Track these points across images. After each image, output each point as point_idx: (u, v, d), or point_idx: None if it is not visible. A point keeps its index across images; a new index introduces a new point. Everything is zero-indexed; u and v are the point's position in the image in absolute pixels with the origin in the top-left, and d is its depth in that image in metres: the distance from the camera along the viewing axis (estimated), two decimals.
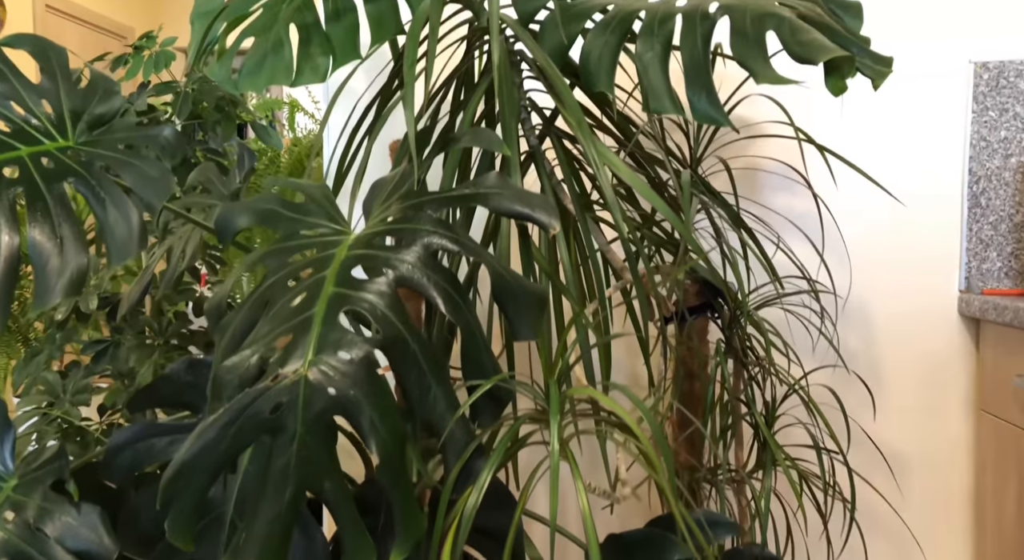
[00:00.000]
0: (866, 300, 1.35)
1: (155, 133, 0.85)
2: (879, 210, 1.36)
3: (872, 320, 1.35)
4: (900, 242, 1.36)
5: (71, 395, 1.56)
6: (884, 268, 1.36)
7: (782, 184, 1.32)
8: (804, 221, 1.31)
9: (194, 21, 1.00)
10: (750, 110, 1.34)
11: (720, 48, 1.23)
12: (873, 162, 1.36)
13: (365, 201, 0.74)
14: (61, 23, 4.96)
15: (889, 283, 1.36)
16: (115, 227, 0.77)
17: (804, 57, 0.75)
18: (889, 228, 1.36)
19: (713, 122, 0.79)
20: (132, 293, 1.21)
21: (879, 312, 1.35)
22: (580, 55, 0.87)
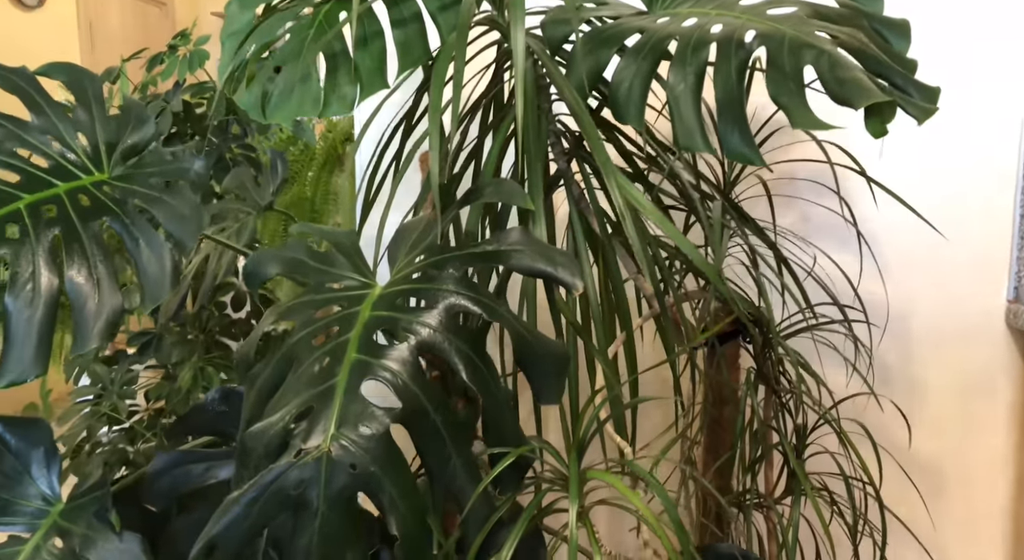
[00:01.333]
0: (907, 310, 1.31)
1: (186, 166, 0.86)
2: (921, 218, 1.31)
3: (912, 331, 1.31)
4: (943, 251, 1.31)
5: (118, 387, 1.61)
6: (926, 277, 1.32)
7: (819, 190, 1.28)
8: (842, 227, 1.27)
9: (224, 41, 1.00)
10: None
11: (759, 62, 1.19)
12: (917, 165, 1.31)
13: (390, 247, 0.74)
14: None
15: (931, 293, 1.32)
16: (148, 267, 0.78)
17: (843, 98, 0.72)
18: (932, 236, 1.31)
19: (745, 160, 0.77)
20: (170, 304, 1.24)
21: (920, 322, 1.31)
22: (611, 83, 0.84)
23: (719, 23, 0.85)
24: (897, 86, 0.79)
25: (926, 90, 0.78)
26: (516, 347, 0.62)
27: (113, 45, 5.10)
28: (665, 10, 0.95)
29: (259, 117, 0.90)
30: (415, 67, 0.91)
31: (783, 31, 0.80)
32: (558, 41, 0.87)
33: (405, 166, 0.87)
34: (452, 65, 0.80)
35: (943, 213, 1.31)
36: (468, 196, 0.71)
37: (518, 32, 0.73)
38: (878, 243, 1.29)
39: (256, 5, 1.01)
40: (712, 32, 0.84)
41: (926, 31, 1.30)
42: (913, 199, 1.29)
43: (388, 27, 0.93)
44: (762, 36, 0.80)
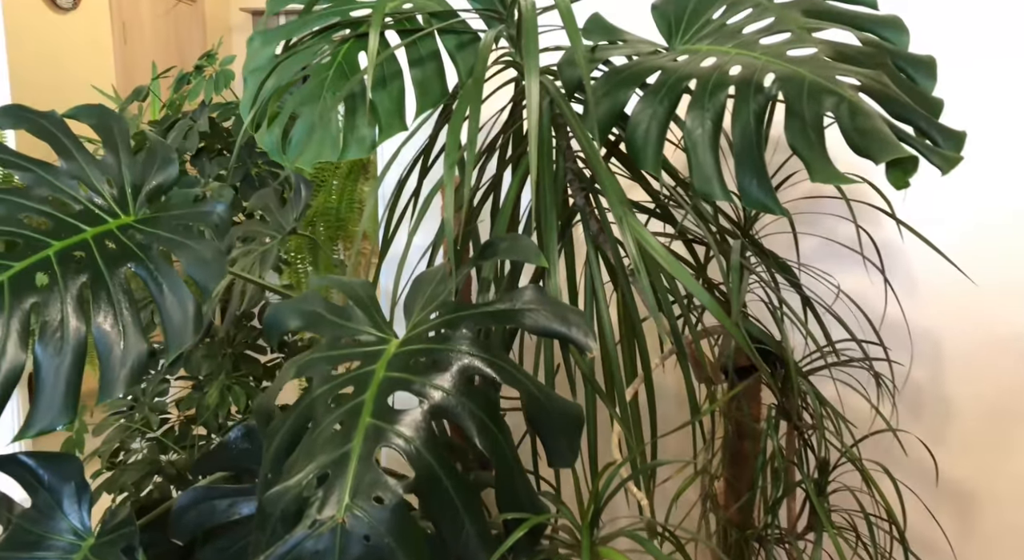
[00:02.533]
0: (937, 327, 1.29)
1: (208, 210, 0.87)
2: (952, 233, 1.28)
3: (943, 350, 1.29)
4: (975, 265, 1.28)
5: (150, 399, 1.65)
6: (956, 294, 1.29)
7: (842, 213, 1.26)
8: (866, 252, 1.25)
9: (246, 77, 1.02)
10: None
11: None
12: (943, 192, 1.28)
13: (407, 300, 0.75)
14: None
15: (961, 309, 1.29)
16: (172, 313, 0.80)
17: (862, 150, 0.71)
18: (963, 252, 1.28)
19: (764, 209, 0.76)
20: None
21: (950, 341, 1.29)
22: (628, 125, 0.84)
23: (738, 64, 0.84)
24: (921, 130, 0.77)
25: (951, 135, 0.76)
26: (528, 408, 0.62)
27: (145, 43, 5.19)
28: (685, 45, 0.94)
29: (279, 159, 0.92)
30: (434, 108, 0.92)
31: (802, 75, 0.79)
32: (575, 84, 0.87)
33: (423, 210, 0.87)
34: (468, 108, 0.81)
35: (970, 237, 1.28)
36: (483, 252, 0.71)
37: (532, 84, 0.73)
38: (902, 267, 1.27)
39: (278, 40, 1.03)
40: (731, 74, 0.83)
41: (949, 65, 1.27)
42: (939, 224, 1.27)
43: (406, 67, 0.94)
44: (781, 80, 0.79)
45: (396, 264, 0.86)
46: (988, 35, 1.29)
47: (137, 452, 1.55)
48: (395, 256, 1.13)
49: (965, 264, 1.25)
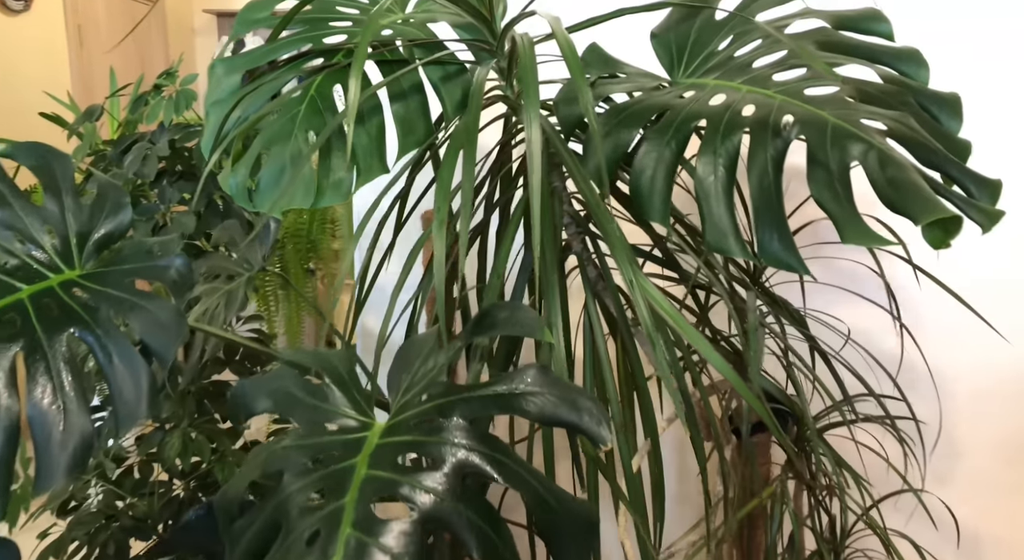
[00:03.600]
0: (948, 367, 1.22)
1: (165, 265, 0.78)
2: (967, 272, 1.22)
3: (955, 392, 1.23)
4: (990, 306, 1.22)
5: (104, 442, 1.53)
6: (970, 334, 1.23)
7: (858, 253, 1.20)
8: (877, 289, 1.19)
9: (208, 109, 0.92)
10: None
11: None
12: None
13: (391, 372, 0.66)
14: None
15: (973, 350, 1.23)
16: (123, 386, 0.71)
17: (898, 207, 0.64)
18: (976, 290, 1.22)
19: (785, 268, 0.69)
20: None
21: (963, 381, 1.23)
22: (632, 170, 0.76)
23: (751, 103, 0.77)
24: (953, 178, 0.71)
25: (986, 184, 0.70)
26: (536, 513, 0.54)
27: (102, 45, 5.00)
28: (688, 79, 0.87)
29: (245, 204, 0.82)
30: (417, 148, 0.83)
31: (824, 118, 0.72)
32: (573, 123, 0.79)
33: (403, 276, 0.79)
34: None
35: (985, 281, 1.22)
36: (479, 324, 0.63)
37: (533, 131, 0.65)
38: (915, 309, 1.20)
39: (243, 69, 0.93)
40: (744, 115, 0.76)
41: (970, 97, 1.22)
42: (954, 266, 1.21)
43: (386, 101, 0.85)
44: (801, 123, 0.72)
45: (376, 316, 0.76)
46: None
47: (91, 501, 1.43)
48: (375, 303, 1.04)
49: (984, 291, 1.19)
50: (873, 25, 0.86)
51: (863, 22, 0.86)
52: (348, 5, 0.98)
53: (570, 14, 1.23)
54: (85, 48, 4.84)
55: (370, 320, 1.61)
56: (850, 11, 0.87)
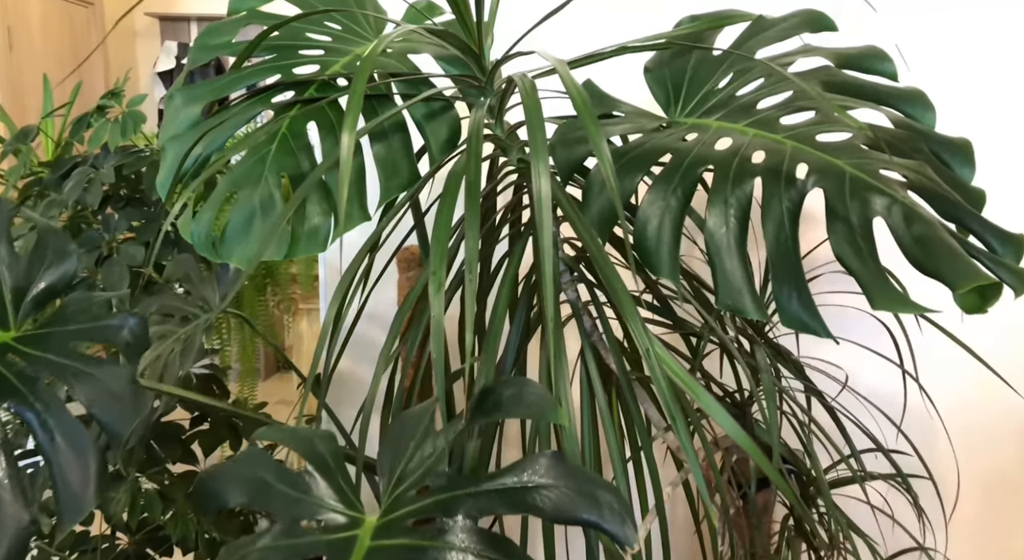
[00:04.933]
0: (948, 410, 1.20)
1: (117, 325, 0.69)
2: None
3: (953, 433, 1.21)
4: (989, 348, 1.21)
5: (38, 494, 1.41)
6: (966, 376, 1.21)
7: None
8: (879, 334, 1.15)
9: (165, 146, 0.83)
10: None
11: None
12: None
13: (381, 452, 0.59)
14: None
15: (969, 393, 1.21)
16: (67, 471, 0.62)
17: (929, 269, 0.60)
18: (980, 332, 1.21)
19: (805, 330, 0.64)
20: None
21: (960, 423, 1.21)
22: (636, 221, 0.71)
23: (761, 148, 0.73)
24: (974, 232, 0.67)
25: (1009, 240, 0.67)
26: None
27: (34, 50, 4.75)
28: (688, 119, 0.82)
29: (209, 255, 0.74)
30: (402, 191, 0.77)
31: (841, 168, 0.68)
32: (571, 167, 0.74)
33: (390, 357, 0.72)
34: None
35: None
36: (482, 402, 0.57)
37: (542, 185, 0.59)
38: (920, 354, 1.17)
39: (204, 100, 0.85)
40: (754, 162, 0.72)
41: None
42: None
43: (366, 141, 0.78)
44: (817, 173, 0.68)
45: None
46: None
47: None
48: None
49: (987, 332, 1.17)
50: (876, 64, 0.83)
51: (866, 61, 0.83)
52: (319, 31, 0.90)
53: (559, 48, 1.18)
54: (15, 52, 4.59)
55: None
56: (852, 49, 0.84)
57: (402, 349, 0.85)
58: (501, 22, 1.10)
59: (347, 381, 1.40)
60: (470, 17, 0.72)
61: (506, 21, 1.06)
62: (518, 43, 0.76)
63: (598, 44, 1.07)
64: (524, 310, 0.87)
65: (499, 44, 0.93)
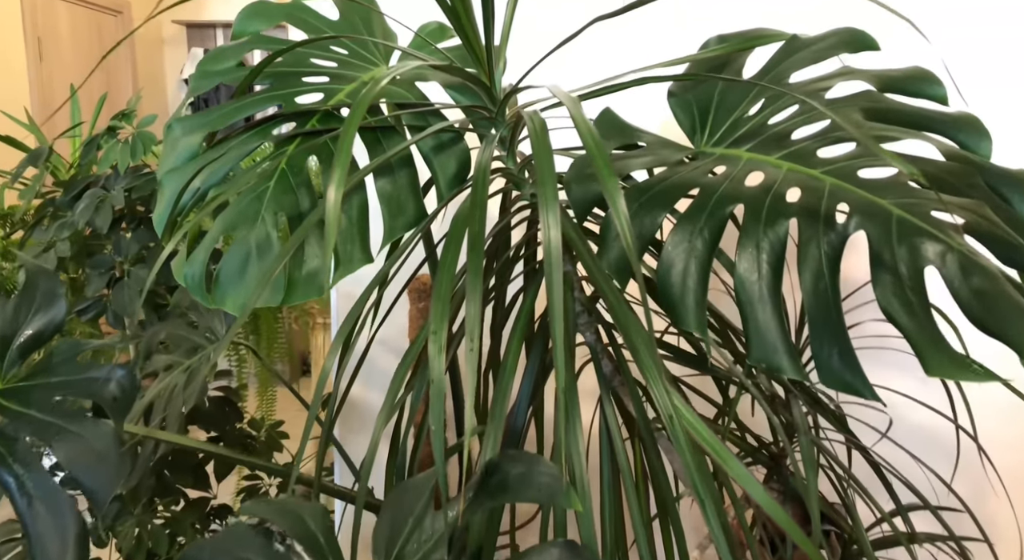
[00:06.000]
0: (1007, 465, 1.12)
1: (103, 377, 0.65)
2: None
3: (1012, 488, 1.13)
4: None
5: None
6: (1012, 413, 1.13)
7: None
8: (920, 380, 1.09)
9: (163, 179, 0.79)
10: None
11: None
12: None
13: (377, 528, 0.54)
14: (50, 3, 4.72)
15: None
16: (44, 539, 0.58)
17: (990, 327, 0.54)
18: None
19: (848, 390, 0.58)
20: None
21: (1021, 478, 1.13)
22: (659, 264, 0.65)
23: (796, 185, 0.67)
24: None
25: None
26: None
27: (64, 60, 4.80)
28: (716, 148, 0.76)
29: (203, 299, 0.70)
30: (407, 231, 0.72)
31: (887, 210, 0.61)
32: (587, 206, 0.68)
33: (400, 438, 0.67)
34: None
35: None
36: (486, 483, 0.51)
37: (551, 231, 0.54)
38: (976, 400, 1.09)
39: (203, 130, 0.81)
40: (789, 200, 0.65)
41: None
42: None
43: (369, 177, 0.73)
44: (860, 214, 0.62)
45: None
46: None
47: None
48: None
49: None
50: (924, 87, 0.76)
51: (912, 84, 0.76)
52: (324, 57, 0.86)
53: (577, 71, 1.12)
54: (45, 62, 4.65)
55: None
56: (896, 71, 0.77)
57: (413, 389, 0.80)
58: (516, 41, 1.05)
59: (357, 405, 1.36)
60: (480, 47, 0.66)
61: (521, 41, 1.01)
62: (531, 72, 0.71)
63: (618, 65, 1.01)
64: (541, 346, 0.82)
65: (513, 66, 0.88)
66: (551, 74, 1.01)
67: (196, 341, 1.10)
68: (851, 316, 1.07)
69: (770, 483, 0.80)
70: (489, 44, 0.68)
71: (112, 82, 5.33)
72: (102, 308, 1.41)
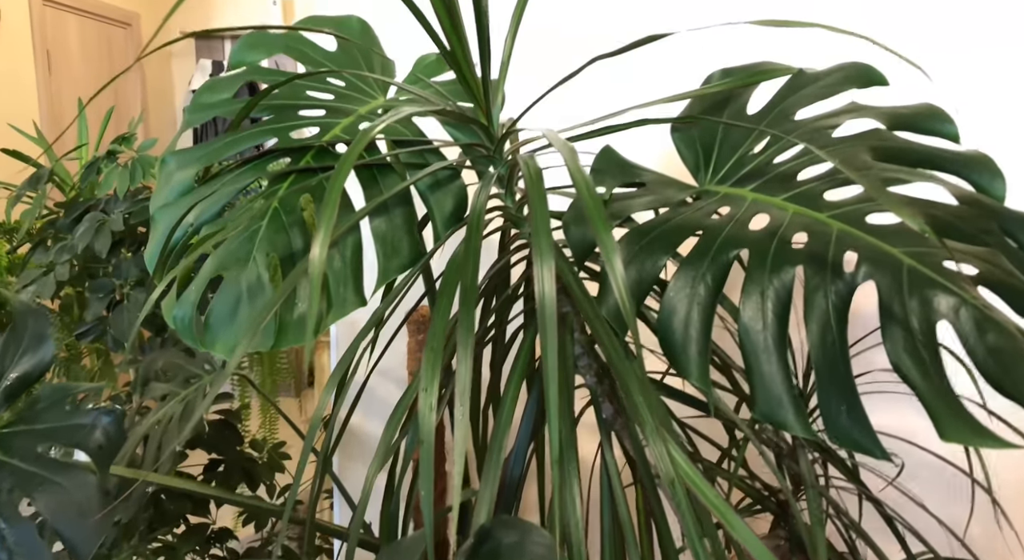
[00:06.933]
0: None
1: (90, 424, 0.63)
2: None
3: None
4: None
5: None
6: None
7: None
8: None
9: (155, 215, 0.78)
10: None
11: None
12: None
13: None
14: (60, 16, 4.75)
15: None
16: None
17: (1007, 388, 0.51)
18: None
19: (857, 449, 0.56)
20: None
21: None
22: (660, 311, 0.63)
23: (802, 230, 0.64)
24: None
25: None
26: None
27: (73, 71, 4.83)
28: (720, 186, 0.74)
29: (193, 343, 0.68)
30: (402, 272, 0.70)
31: (898, 259, 0.59)
32: (586, 249, 0.66)
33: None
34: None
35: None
36: (477, 551, 0.49)
37: (546, 283, 0.52)
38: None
39: (198, 164, 0.79)
40: (795, 246, 0.63)
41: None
42: None
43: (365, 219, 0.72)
44: (869, 263, 0.60)
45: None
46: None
47: None
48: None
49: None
50: (935, 124, 0.74)
51: (922, 121, 0.74)
52: (320, 89, 0.84)
53: (576, 106, 1.10)
54: (54, 75, 4.67)
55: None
56: (906, 109, 0.75)
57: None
58: (516, 73, 1.03)
59: (356, 433, 1.34)
60: (477, 86, 0.65)
61: (521, 73, 1.00)
62: (530, 109, 0.69)
63: (619, 97, 0.99)
64: (541, 385, 0.80)
65: (513, 97, 0.86)
66: (551, 108, 0.99)
67: (193, 370, 1.08)
68: (865, 356, 1.05)
69: (777, 531, 0.77)
70: (486, 81, 0.67)
71: (120, 93, 5.36)
72: (101, 331, 1.40)
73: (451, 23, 0.62)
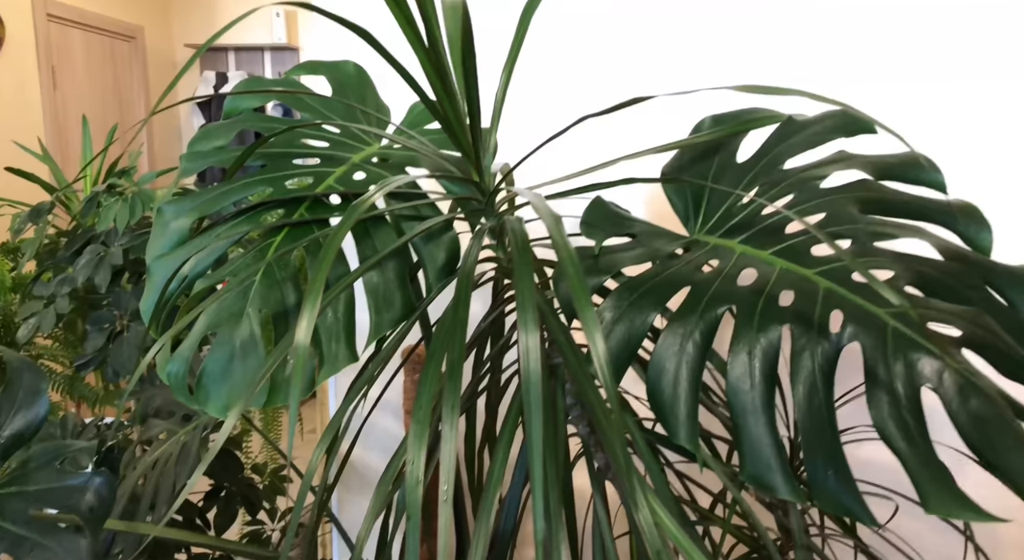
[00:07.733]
0: None
1: (81, 486, 0.64)
2: None
3: None
4: None
5: None
6: None
7: None
8: None
9: (151, 266, 0.79)
10: None
11: None
12: None
13: None
14: (64, 31, 4.78)
15: None
16: None
17: (988, 459, 0.52)
18: None
19: (845, 513, 0.56)
20: None
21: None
22: (649, 370, 0.64)
23: (790, 288, 0.65)
24: None
25: None
26: None
27: (78, 86, 4.86)
28: (709, 237, 0.74)
29: (186, 401, 0.69)
30: (395, 327, 0.70)
31: (883, 320, 0.60)
32: (573, 310, 0.66)
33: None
34: None
35: None
36: None
37: (529, 341, 0.52)
38: None
39: (194, 214, 0.80)
40: (783, 304, 0.64)
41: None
42: None
43: (355, 264, 0.72)
44: (854, 323, 0.60)
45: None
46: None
47: None
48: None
49: None
50: (920, 174, 0.74)
51: (908, 170, 0.75)
52: (316, 136, 0.85)
53: (568, 156, 1.11)
54: (59, 90, 4.70)
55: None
56: (892, 158, 0.76)
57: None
58: (508, 119, 1.04)
59: (356, 466, 1.35)
60: (468, 143, 0.65)
61: (513, 119, 1.00)
62: (522, 163, 0.69)
63: (610, 145, 1.00)
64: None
65: (506, 144, 0.87)
66: (543, 158, 1.00)
67: (191, 408, 1.09)
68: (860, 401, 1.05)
69: None
70: (475, 132, 0.67)
71: (125, 106, 5.40)
72: (101, 362, 1.41)
73: (440, 82, 0.63)
